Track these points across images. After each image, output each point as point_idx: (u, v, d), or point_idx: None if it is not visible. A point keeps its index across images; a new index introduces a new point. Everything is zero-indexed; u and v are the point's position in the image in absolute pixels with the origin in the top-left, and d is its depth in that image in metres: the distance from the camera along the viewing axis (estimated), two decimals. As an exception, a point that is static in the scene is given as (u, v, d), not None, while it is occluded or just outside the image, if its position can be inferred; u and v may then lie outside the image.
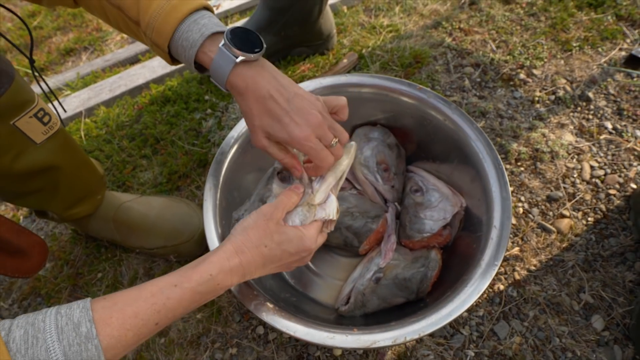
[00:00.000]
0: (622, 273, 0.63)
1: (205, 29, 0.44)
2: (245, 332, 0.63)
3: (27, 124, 0.51)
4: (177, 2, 0.44)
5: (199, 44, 0.43)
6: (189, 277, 0.36)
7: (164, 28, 0.43)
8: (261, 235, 0.41)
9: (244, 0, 1.14)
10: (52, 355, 0.28)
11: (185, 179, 0.82)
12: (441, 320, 0.46)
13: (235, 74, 0.44)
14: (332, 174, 0.48)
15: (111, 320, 0.31)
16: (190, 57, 0.44)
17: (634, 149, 0.75)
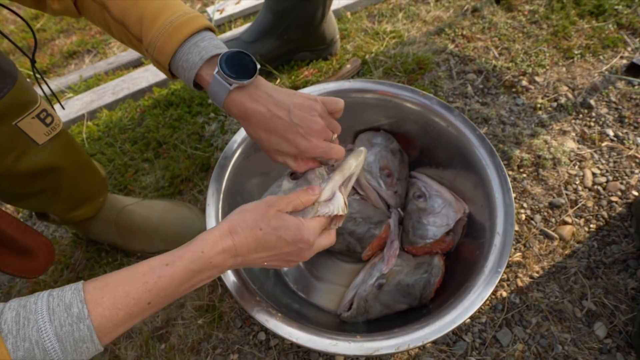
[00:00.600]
0: (625, 280, 0.63)
1: (205, 52, 0.45)
2: (247, 337, 0.63)
3: (30, 125, 0.51)
4: (179, 24, 0.44)
5: (198, 66, 0.44)
6: (181, 255, 0.36)
7: (166, 49, 0.44)
8: (258, 218, 0.40)
9: (248, 5, 1.15)
10: (43, 335, 0.29)
11: (187, 183, 0.81)
12: (444, 327, 0.46)
13: (231, 100, 0.45)
14: (339, 172, 0.47)
15: (102, 301, 0.31)
16: (190, 79, 0.45)
17: (635, 156, 0.76)
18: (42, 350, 0.28)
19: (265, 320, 0.47)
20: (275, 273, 0.63)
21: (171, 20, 0.44)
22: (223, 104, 0.46)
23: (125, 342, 0.65)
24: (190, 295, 0.68)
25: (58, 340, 0.29)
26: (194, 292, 0.68)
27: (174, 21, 0.44)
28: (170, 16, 0.44)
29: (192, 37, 0.45)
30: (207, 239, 0.38)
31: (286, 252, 0.42)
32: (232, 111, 0.46)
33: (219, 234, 0.38)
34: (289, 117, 0.45)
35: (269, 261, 0.43)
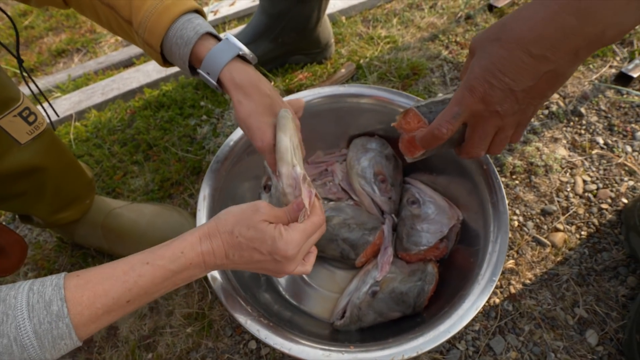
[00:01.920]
0: (615, 287, 0.63)
1: (200, 27, 0.45)
2: (237, 346, 0.62)
3: (11, 123, 0.49)
4: (170, 3, 0.44)
5: (194, 41, 0.44)
6: (161, 254, 0.36)
7: (157, 27, 0.44)
8: (237, 221, 0.39)
9: (242, 7, 1.14)
10: (22, 332, 0.29)
11: (178, 186, 0.80)
12: (439, 337, 0.45)
13: (235, 66, 0.45)
14: (282, 163, 0.43)
15: (82, 299, 0.31)
16: (185, 55, 0.45)
17: (624, 164, 0.77)
18: (20, 347, 0.29)
19: (257, 330, 0.46)
20: (267, 280, 0.62)
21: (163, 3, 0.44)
22: (223, 68, 0.44)
23: (110, 352, 0.63)
24: (179, 303, 0.66)
25: (37, 337, 0.29)
26: (183, 300, 0.67)
27: (164, 0, 0.44)
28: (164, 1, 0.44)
29: (183, 16, 0.45)
30: (187, 239, 0.37)
31: (263, 264, 0.40)
32: (235, 77, 0.45)
33: (199, 235, 0.38)
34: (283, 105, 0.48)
35: (251, 269, 0.41)
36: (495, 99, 0.37)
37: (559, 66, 0.34)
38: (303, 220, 0.41)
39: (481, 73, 0.37)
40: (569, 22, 0.32)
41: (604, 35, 0.32)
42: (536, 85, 0.36)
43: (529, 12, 0.34)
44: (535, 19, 0.33)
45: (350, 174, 0.66)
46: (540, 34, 0.33)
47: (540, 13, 0.33)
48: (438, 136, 0.41)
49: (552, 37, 0.33)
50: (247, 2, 1.15)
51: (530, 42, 0.34)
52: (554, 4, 0.33)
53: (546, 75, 0.35)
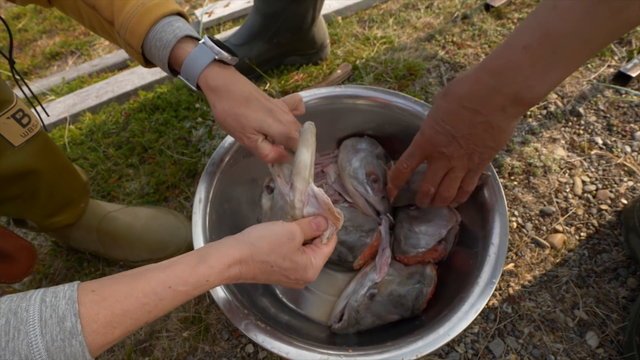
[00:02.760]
0: (615, 289, 0.63)
1: (180, 31, 0.45)
2: (234, 350, 0.61)
3: (5, 125, 0.49)
4: (151, 5, 0.45)
5: (173, 44, 0.44)
6: (185, 280, 0.34)
7: (138, 29, 0.44)
8: (273, 250, 0.38)
9: (237, 8, 1.13)
10: (34, 350, 0.27)
11: (173, 189, 0.79)
12: (439, 340, 0.45)
13: (212, 70, 0.45)
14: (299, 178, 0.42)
15: (98, 317, 0.29)
16: (164, 57, 0.45)
17: (624, 164, 0.76)
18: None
19: (254, 334, 0.45)
20: (265, 285, 0.62)
21: (143, 2, 0.44)
22: (200, 74, 0.45)
23: (107, 356, 0.62)
24: (176, 307, 0.65)
25: (49, 355, 0.27)
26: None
27: (145, 2, 0.45)
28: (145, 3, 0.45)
29: (165, 18, 0.45)
30: (215, 267, 0.36)
31: (283, 283, 0.42)
32: (209, 82, 0.46)
33: (229, 262, 0.36)
34: (268, 104, 0.48)
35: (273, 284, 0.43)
36: (441, 142, 0.44)
37: (491, 119, 0.40)
38: (327, 242, 0.43)
39: (429, 121, 0.45)
40: (489, 83, 0.38)
41: (520, 95, 0.37)
42: (474, 133, 0.42)
43: (469, 72, 0.41)
44: (470, 79, 0.40)
45: (343, 176, 0.66)
46: (471, 91, 0.40)
47: (472, 74, 0.40)
48: (401, 171, 0.51)
49: (479, 94, 0.39)
50: (242, 3, 1.14)
51: (463, 98, 0.41)
52: (480, 66, 0.40)
53: (481, 125, 0.41)
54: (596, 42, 0.33)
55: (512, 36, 0.37)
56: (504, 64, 0.37)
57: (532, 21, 0.36)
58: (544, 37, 0.34)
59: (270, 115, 0.47)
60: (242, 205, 0.66)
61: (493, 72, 0.38)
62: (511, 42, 0.36)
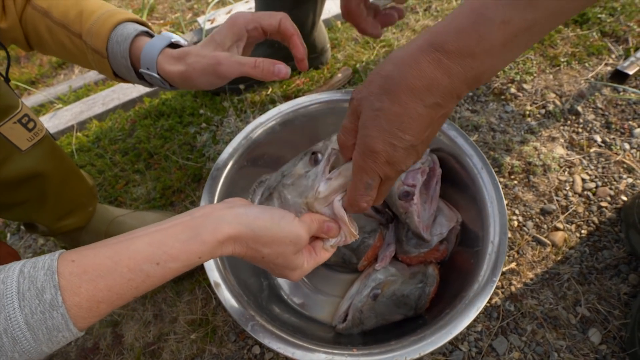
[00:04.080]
0: (617, 285, 0.64)
1: (141, 28, 0.48)
2: (241, 352, 0.62)
3: (11, 130, 0.50)
4: (115, 12, 0.48)
5: (133, 36, 0.46)
6: (175, 256, 0.32)
7: (102, 30, 0.46)
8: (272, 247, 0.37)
9: (238, 15, 1.15)
10: (13, 323, 0.26)
11: (179, 194, 0.81)
12: (441, 338, 0.45)
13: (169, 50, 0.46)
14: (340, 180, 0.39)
15: (80, 290, 0.28)
16: (125, 50, 0.46)
17: (623, 161, 0.77)
18: (12, 340, 0.26)
19: (261, 335, 0.46)
20: (270, 285, 0.63)
21: (108, 10, 0.47)
22: (159, 55, 0.46)
23: (116, 359, 0.63)
24: (183, 310, 0.67)
25: (29, 328, 0.26)
26: (187, 306, 0.67)
27: (111, 10, 0.48)
28: (109, 9, 0.48)
29: (128, 23, 0.47)
30: (208, 242, 0.33)
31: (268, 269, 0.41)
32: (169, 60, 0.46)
33: (223, 239, 0.34)
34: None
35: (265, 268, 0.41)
36: (400, 158, 0.34)
37: (449, 110, 0.32)
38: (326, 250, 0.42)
39: (380, 135, 0.33)
40: (455, 69, 0.29)
41: (481, 78, 0.30)
42: (432, 131, 0.34)
43: (414, 52, 0.30)
44: (424, 64, 0.30)
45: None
46: (432, 83, 0.30)
47: (424, 55, 0.30)
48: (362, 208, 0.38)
49: (442, 84, 0.30)
50: (244, 9, 1.16)
51: (422, 92, 0.30)
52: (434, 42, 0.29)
53: (440, 120, 0.33)
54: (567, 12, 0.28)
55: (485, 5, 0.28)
56: (475, 43, 0.28)
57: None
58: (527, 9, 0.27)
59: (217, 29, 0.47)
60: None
61: (458, 54, 0.29)
62: (484, 14, 0.28)
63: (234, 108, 0.92)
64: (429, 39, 0.30)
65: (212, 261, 0.52)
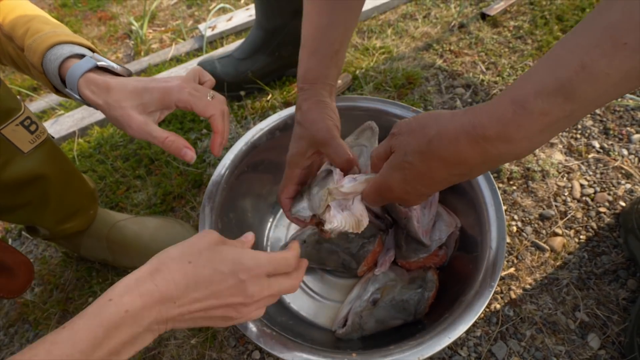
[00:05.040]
0: (616, 291, 0.64)
1: (78, 50, 0.46)
2: (241, 357, 0.62)
3: (14, 132, 0.50)
4: (60, 32, 0.47)
5: (65, 56, 0.45)
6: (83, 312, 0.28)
7: (40, 47, 0.46)
8: (185, 250, 0.33)
9: (239, 22, 1.16)
10: None
11: (179, 199, 0.81)
12: (439, 342, 0.46)
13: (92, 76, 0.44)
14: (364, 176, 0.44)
15: None
16: (55, 68, 0.45)
17: (621, 167, 0.77)
18: None
19: (261, 340, 0.47)
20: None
21: (54, 30, 0.47)
22: (80, 78, 0.44)
23: (115, 365, 0.63)
24: (183, 315, 0.67)
25: None
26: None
27: (57, 31, 0.47)
28: (56, 28, 0.47)
29: (67, 44, 0.46)
30: (119, 285, 0.30)
31: (227, 290, 0.33)
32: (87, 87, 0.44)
33: (136, 276, 0.31)
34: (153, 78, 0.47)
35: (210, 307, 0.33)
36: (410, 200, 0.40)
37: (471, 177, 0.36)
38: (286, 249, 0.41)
39: (401, 182, 0.38)
40: (490, 151, 0.31)
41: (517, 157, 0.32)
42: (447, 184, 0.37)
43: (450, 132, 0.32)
44: (461, 142, 0.32)
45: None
46: (464, 159, 0.33)
47: (462, 138, 0.32)
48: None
49: (474, 160, 0.32)
50: (244, 17, 1.18)
51: (452, 165, 0.34)
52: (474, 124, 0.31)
53: (455, 178, 0.36)
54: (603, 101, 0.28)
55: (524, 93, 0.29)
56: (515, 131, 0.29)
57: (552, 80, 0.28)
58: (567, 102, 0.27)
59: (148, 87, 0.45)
60: (248, 214, 0.68)
61: (498, 138, 0.30)
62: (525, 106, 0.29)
63: (234, 114, 0.93)
64: (472, 121, 0.31)
65: None
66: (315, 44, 0.48)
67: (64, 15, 1.33)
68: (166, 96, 0.45)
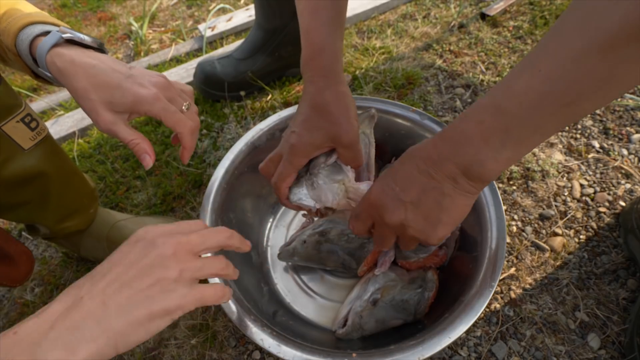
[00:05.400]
0: (616, 291, 0.64)
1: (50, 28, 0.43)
2: (242, 357, 0.62)
3: (14, 129, 0.50)
4: (35, 14, 0.44)
5: (37, 32, 0.42)
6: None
7: (13, 28, 0.43)
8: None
9: (239, 22, 1.16)
10: None
11: (180, 200, 0.81)
12: (440, 342, 0.46)
13: (58, 51, 0.41)
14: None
15: None
16: (27, 45, 0.43)
17: (621, 167, 0.77)
18: None
19: (261, 339, 0.47)
20: (270, 291, 0.63)
21: (30, 13, 0.44)
22: (46, 55, 0.41)
23: (116, 365, 0.63)
24: (183, 315, 0.67)
25: None
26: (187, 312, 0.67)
27: (31, 13, 0.44)
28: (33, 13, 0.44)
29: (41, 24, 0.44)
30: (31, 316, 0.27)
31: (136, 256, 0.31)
32: (55, 64, 0.41)
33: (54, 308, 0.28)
34: (129, 71, 0.42)
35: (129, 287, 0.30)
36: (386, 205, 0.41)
37: (443, 186, 0.38)
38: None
39: (379, 182, 0.42)
40: (443, 149, 0.37)
41: (471, 169, 0.36)
42: (424, 200, 0.39)
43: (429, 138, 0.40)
44: (428, 144, 0.39)
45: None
46: (427, 155, 0.38)
47: (431, 139, 0.39)
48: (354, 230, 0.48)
49: (433, 158, 0.38)
50: (244, 17, 1.18)
51: (419, 160, 0.39)
52: (439, 133, 0.39)
53: (433, 192, 0.38)
54: (546, 129, 0.33)
55: (470, 109, 0.36)
56: (458, 135, 0.36)
57: (488, 97, 0.34)
58: (497, 115, 0.33)
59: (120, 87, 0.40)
60: (248, 214, 0.68)
61: (448, 140, 0.37)
62: (467, 115, 0.36)
63: (234, 115, 0.93)
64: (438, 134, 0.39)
65: None
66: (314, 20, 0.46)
67: (64, 16, 1.33)
68: (137, 104, 0.41)
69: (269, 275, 0.66)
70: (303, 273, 0.66)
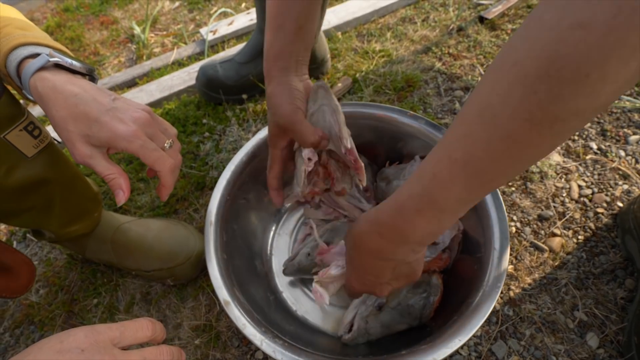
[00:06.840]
0: (614, 290, 0.65)
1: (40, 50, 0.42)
2: (244, 357, 0.63)
3: (18, 138, 0.50)
4: (30, 34, 0.44)
5: (24, 56, 0.41)
6: None
7: (4, 49, 0.43)
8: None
9: (240, 26, 1.17)
10: None
11: (183, 202, 0.82)
12: (451, 345, 0.46)
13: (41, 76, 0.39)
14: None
15: None
16: (13, 71, 0.42)
17: (618, 168, 0.78)
18: None
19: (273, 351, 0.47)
20: (276, 299, 0.64)
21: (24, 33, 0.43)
22: (29, 79, 0.40)
23: (121, 366, 0.64)
24: (187, 315, 0.68)
25: None
26: (191, 312, 0.68)
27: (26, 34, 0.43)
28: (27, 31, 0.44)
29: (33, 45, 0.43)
30: None
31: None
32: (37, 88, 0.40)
33: None
34: (111, 103, 0.40)
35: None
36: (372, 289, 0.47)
37: (407, 259, 0.42)
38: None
39: (354, 275, 0.47)
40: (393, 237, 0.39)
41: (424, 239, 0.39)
42: (398, 273, 0.44)
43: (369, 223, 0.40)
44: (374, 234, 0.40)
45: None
46: (380, 247, 0.40)
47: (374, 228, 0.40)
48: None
49: (388, 249, 0.40)
50: (245, 21, 1.19)
51: (375, 253, 0.41)
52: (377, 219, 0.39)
53: (402, 267, 0.43)
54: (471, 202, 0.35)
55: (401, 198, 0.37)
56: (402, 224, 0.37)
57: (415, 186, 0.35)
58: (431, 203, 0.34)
59: (98, 121, 0.39)
60: (250, 224, 0.68)
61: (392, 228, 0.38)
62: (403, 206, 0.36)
63: (236, 117, 0.94)
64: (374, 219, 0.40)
65: (220, 278, 0.52)
66: (278, 21, 0.47)
67: (66, 20, 1.34)
68: (113, 141, 0.40)
69: (274, 283, 0.67)
70: (308, 280, 0.67)
